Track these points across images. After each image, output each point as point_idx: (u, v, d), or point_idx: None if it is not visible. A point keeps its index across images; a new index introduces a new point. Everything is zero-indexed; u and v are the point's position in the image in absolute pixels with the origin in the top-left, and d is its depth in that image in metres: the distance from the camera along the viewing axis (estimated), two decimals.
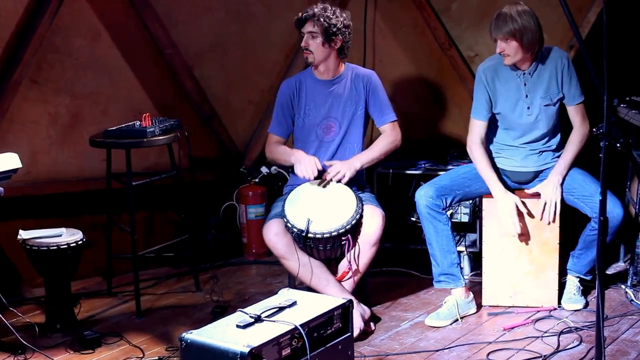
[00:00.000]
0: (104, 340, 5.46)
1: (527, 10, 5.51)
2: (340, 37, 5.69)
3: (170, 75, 6.91)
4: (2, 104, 6.24)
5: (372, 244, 5.52)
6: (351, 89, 5.78)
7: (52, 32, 6.39)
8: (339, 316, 4.63)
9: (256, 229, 6.83)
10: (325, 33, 5.65)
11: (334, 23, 5.65)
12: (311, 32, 5.68)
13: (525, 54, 5.54)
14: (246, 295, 6.25)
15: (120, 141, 5.93)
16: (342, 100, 5.78)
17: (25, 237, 5.65)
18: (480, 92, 5.72)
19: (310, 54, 5.70)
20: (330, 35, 5.65)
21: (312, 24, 5.66)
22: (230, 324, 4.40)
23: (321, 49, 5.69)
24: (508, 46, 5.50)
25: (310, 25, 5.68)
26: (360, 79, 5.80)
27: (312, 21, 5.66)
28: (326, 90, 5.79)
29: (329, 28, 5.64)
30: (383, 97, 5.83)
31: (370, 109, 5.81)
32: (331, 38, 5.66)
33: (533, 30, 5.48)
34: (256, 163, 7.22)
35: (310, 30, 5.68)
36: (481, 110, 5.73)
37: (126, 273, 6.36)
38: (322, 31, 5.65)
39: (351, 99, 5.78)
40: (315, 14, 5.66)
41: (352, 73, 5.82)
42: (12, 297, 5.82)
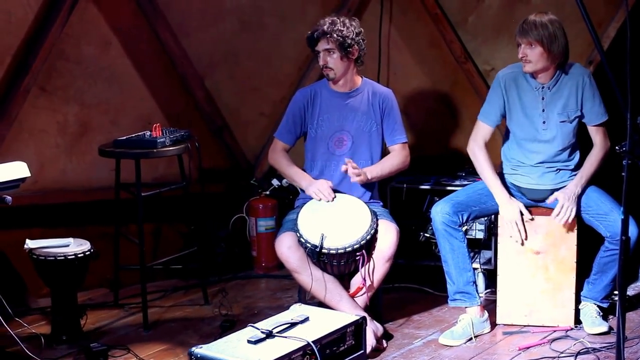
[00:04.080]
0: (110, 353, 5.38)
1: (556, 19, 5.44)
2: (356, 47, 5.62)
3: (181, 86, 6.84)
4: (11, 112, 6.18)
5: (386, 260, 5.44)
6: (368, 105, 5.70)
7: (63, 40, 6.33)
8: (352, 333, 4.59)
9: (266, 242, 6.78)
10: (341, 47, 5.57)
11: (347, 35, 5.57)
12: (327, 49, 5.59)
13: (548, 63, 5.44)
14: (255, 309, 6.17)
15: (129, 151, 5.85)
16: (357, 114, 5.70)
17: (32, 247, 5.58)
18: (495, 96, 5.64)
19: (331, 71, 5.63)
20: (346, 48, 5.58)
21: (326, 41, 5.58)
22: (241, 339, 4.36)
23: (340, 63, 5.62)
24: (532, 52, 5.41)
25: (324, 42, 5.59)
26: (378, 97, 5.73)
27: (326, 38, 5.58)
28: (341, 102, 5.71)
29: (344, 41, 5.56)
30: (397, 117, 5.77)
31: (383, 128, 5.75)
32: (348, 50, 5.59)
33: (560, 41, 5.40)
34: (267, 175, 7.14)
35: (325, 48, 5.59)
36: (491, 114, 5.65)
37: (133, 285, 6.27)
38: (338, 46, 5.57)
39: (367, 114, 5.70)
40: (326, 31, 5.57)
41: (370, 89, 5.74)
42: (18, 306, 5.75)
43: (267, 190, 7.04)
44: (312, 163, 5.72)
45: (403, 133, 5.78)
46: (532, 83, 5.56)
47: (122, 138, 5.93)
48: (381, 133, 5.75)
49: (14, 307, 5.20)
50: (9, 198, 5.14)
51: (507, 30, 6.67)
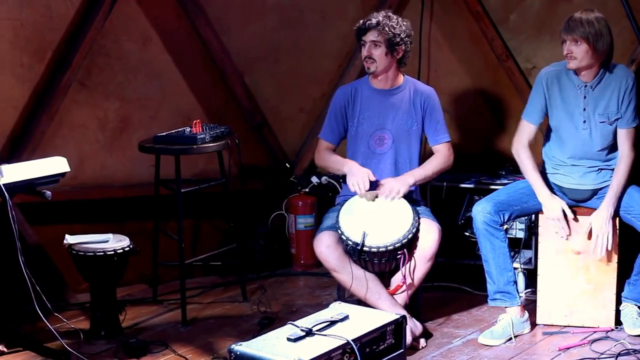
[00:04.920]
0: (149, 349, 5.39)
1: (602, 17, 5.39)
2: (402, 47, 5.58)
3: (221, 81, 6.83)
4: (51, 107, 6.21)
5: (427, 259, 5.41)
6: (409, 104, 5.66)
7: (103, 36, 6.36)
8: (392, 332, 4.56)
9: (305, 240, 6.76)
10: (388, 42, 5.53)
11: (398, 32, 5.53)
12: (374, 41, 5.55)
13: (592, 61, 5.38)
14: (294, 307, 6.15)
15: (169, 147, 5.85)
16: (398, 112, 5.66)
17: (71, 242, 5.60)
18: (537, 95, 5.59)
19: (373, 63, 5.58)
20: (393, 45, 5.54)
21: (376, 32, 5.54)
22: (281, 336, 4.34)
23: (384, 58, 5.57)
24: (577, 49, 5.35)
25: (373, 34, 5.55)
26: (419, 95, 5.68)
27: (377, 30, 5.53)
28: (383, 100, 5.67)
29: (393, 38, 5.52)
30: (440, 116, 5.72)
31: (425, 127, 5.70)
32: (394, 48, 5.55)
33: (606, 39, 5.35)
34: (306, 172, 7.11)
35: (373, 39, 5.55)
36: (534, 113, 5.60)
37: (172, 281, 6.30)
38: (386, 40, 5.53)
39: (408, 113, 5.66)
40: (379, 23, 5.53)
41: (411, 87, 5.70)
42: (57, 302, 5.74)
43: (307, 187, 7.00)
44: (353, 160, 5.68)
45: (446, 132, 5.73)
46: (575, 81, 5.51)
47: (162, 134, 5.93)
48: (421, 132, 5.70)
49: (53, 302, 5.19)
50: (49, 193, 5.16)
51: (549, 28, 6.61)
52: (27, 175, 5.08)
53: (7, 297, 5.84)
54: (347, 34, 5.76)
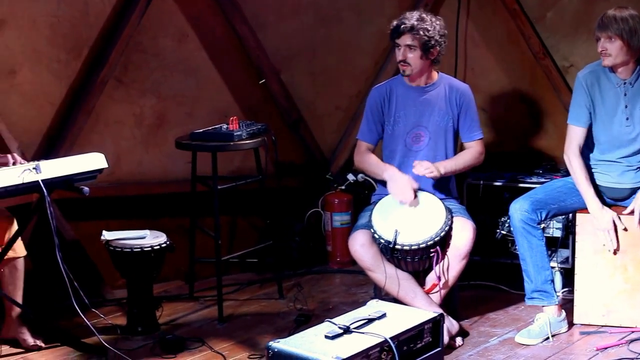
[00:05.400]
0: (185, 345, 5.40)
1: (637, 14, 5.36)
2: (437, 48, 5.55)
3: (257, 79, 6.83)
4: (88, 104, 6.24)
5: (462, 257, 5.38)
6: (444, 100, 5.64)
7: (139, 32, 6.39)
8: (430, 330, 4.54)
9: (341, 237, 6.73)
10: (424, 46, 5.50)
11: (432, 35, 5.49)
12: (409, 45, 5.52)
13: (627, 57, 5.35)
14: (330, 304, 6.14)
15: (206, 144, 5.86)
16: (433, 109, 5.63)
17: (108, 238, 5.62)
18: (580, 97, 5.54)
19: (408, 67, 5.56)
20: (428, 48, 5.51)
21: (411, 37, 5.49)
22: (318, 334, 4.33)
23: (419, 62, 5.55)
24: (611, 46, 5.33)
25: (408, 38, 5.51)
26: (454, 92, 5.66)
27: (411, 34, 5.49)
28: (418, 97, 5.65)
29: (428, 41, 5.49)
30: (474, 113, 5.70)
31: (460, 124, 5.67)
32: (429, 50, 5.53)
33: None
34: (342, 170, 7.09)
35: (408, 44, 5.52)
36: (581, 115, 5.55)
37: (208, 277, 6.30)
38: (421, 45, 5.50)
39: (443, 109, 5.64)
40: (414, 27, 5.48)
41: (446, 84, 5.67)
42: (94, 298, 5.76)
43: (343, 185, 6.99)
44: (390, 160, 5.65)
45: (479, 129, 5.71)
46: (613, 80, 5.47)
47: (198, 130, 5.94)
48: (457, 128, 5.68)
49: (90, 298, 5.20)
50: (87, 189, 5.17)
51: (586, 26, 6.54)
52: (65, 171, 5.09)
53: (45, 293, 5.88)
54: (384, 31, 5.72)
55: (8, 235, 5.31)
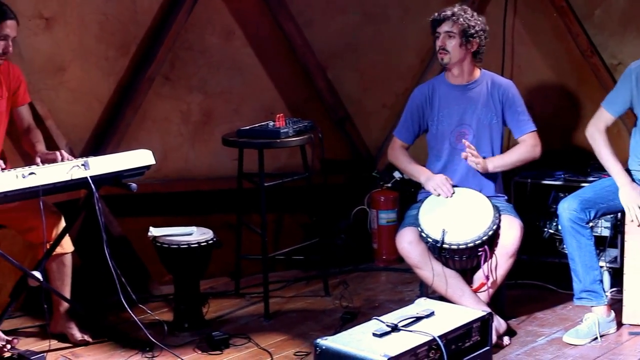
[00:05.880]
0: (232, 342, 5.41)
1: None
2: (476, 40, 5.52)
3: (303, 76, 6.84)
4: (135, 100, 6.28)
5: (509, 256, 5.34)
6: (487, 97, 5.60)
7: (187, 30, 6.42)
8: (478, 329, 4.51)
9: (387, 235, 6.73)
10: (463, 34, 5.49)
11: (473, 25, 5.49)
12: (448, 32, 5.52)
13: None
14: (376, 302, 6.13)
15: (253, 141, 5.87)
16: (477, 106, 5.61)
17: (155, 235, 5.64)
18: (623, 88, 5.49)
19: (446, 54, 5.54)
20: (468, 36, 5.49)
21: (451, 23, 5.51)
22: (366, 331, 4.31)
23: (458, 50, 5.53)
24: None
25: (448, 24, 5.52)
26: (497, 89, 5.62)
27: (451, 21, 5.51)
28: (460, 95, 5.62)
29: (467, 29, 5.48)
30: (521, 107, 5.65)
31: (508, 120, 5.63)
32: (469, 40, 5.50)
33: None
34: (389, 167, 7.05)
35: (447, 30, 5.52)
36: (616, 104, 5.51)
37: (254, 274, 6.31)
38: (460, 31, 5.49)
39: (487, 107, 5.60)
40: (454, 14, 5.51)
41: (489, 81, 5.64)
42: (140, 293, 5.76)
43: (389, 182, 6.98)
44: (436, 159, 5.65)
45: (530, 122, 5.65)
46: None
47: (245, 128, 5.95)
48: (502, 125, 5.64)
49: (137, 293, 5.22)
50: (134, 185, 5.20)
51: (635, 24, 6.51)
52: (113, 167, 5.13)
53: (92, 288, 5.91)
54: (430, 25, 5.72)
55: (56, 232, 5.34)
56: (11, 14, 5.18)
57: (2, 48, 5.17)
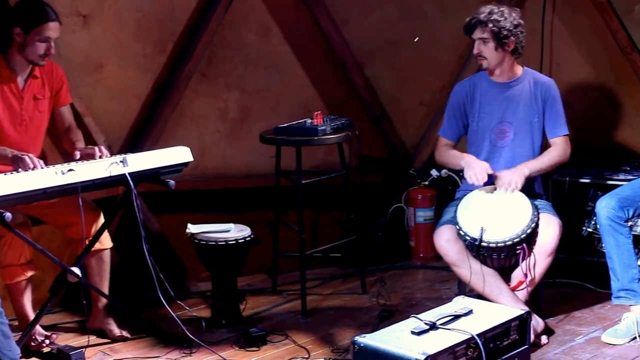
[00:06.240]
0: (269, 339, 5.42)
1: None
2: (512, 39, 5.48)
3: (340, 73, 6.84)
4: (173, 98, 6.30)
5: (547, 254, 5.31)
6: (529, 96, 5.57)
7: (224, 27, 6.43)
8: (516, 327, 4.50)
9: (424, 233, 6.72)
10: (496, 37, 5.44)
11: (504, 25, 5.43)
12: (482, 38, 5.49)
13: None
14: (413, 300, 6.12)
15: (291, 138, 5.87)
16: (518, 104, 5.57)
17: (193, 231, 5.66)
18: None
19: (484, 60, 5.52)
20: (501, 38, 5.45)
21: (482, 30, 5.47)
22: (405, 329, 4.31)
23: (494, 54, 5.49)
24: None
25: (479, 31, 5.48)
26: (539, 86, 5.58)
27: (481, 27, 5.47)
28: (502, 93, 5.59)
29: (499, 32, 5.43)
30: (559, 108, 5.61)
31: (545, 119, 5.60)
32: (503, 41, 5.46)
33: None
34: (426, 165, 7.04)
35: (480, 37, 5.49)
36: None
37: (291, 272, 6.31)
38: (493, 36, 5.44)
39: (528, 105, 5.57)
40: (481, 20, 5.46)
41: (531, 78, 5.61)
42: (178, 290, 5.78)
43: (426, 180, 6.95)
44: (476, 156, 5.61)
45: (565, 125, 5.62)
46: None
47: (283, 125, 5.95)
48: (542, 124, 5.62)
49: (175, 290, 5.24)
50: (173, 182, 5.24)
51: None
52: (151, 164, 5.16)
53: (131, 285, 5.94)
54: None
55: (95, 228, 5.38)
56: (53, 15, 5.21)
57: (44, 49, 5.21)
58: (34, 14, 5.18)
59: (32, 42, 5.18)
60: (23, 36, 5.18)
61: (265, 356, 5.23)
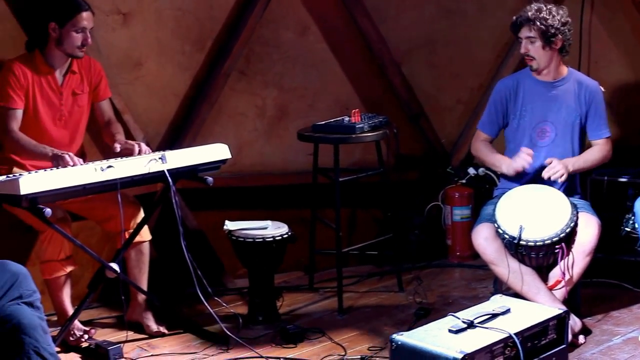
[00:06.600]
0: (306, 336, 5.43)
1: None
2: (560, 37, 5.46)
3: (378, 71, 6.84)
4: (211, 95, 6.32)
5: (586, 254, 5.28)
6: (573, 97, 5.54)
7: (262, 25, 6.44)
8: (554, 327, 4.48)
9: (461, 232, 6.72)
10: (544, 36, 5.42)
11: (552, 24, 5.41)
12: (529, 37, 5.46)
13: None
14: (450, 298, 6.10)
15: (328, 136, 5.87)
16: (562, 105, 5.55)
17: (231, 228, 5.68)
18: None
19: (533, 61, 5.49)
20: (549, 37, 5.42)
21: (529, 28, 5.44)
22: (442, 328, 4.31)
23: (542, 53, 5.46)
24: None
25: (526, 30, 5.45)
26: (584, 89, 5.56)
27: (529, 26, 5.44)
28: (546, 92, 5.57)
29: (547, 30, 5.40)
30: (603, 111, 5.59)
31: (588, 121, 5.57)
32: (550, 40, 5.44)
33: None
34: (463, 163, 7.04)
35: (527, 35, 5.46)
36: None
37: (327, 269, 6.34)
38: (540, 35, 5.42)
39: (571, 106, 5.54)
40: (529, 18, 5.43)
41: (575, 79, 5.58)
42: (215, 286, 5.78)
43: (464, 178, 6.94)
44: (514, 153, 5.59)
45: (607, 127, 5.60)
46: None
47: (320, 123, 5.96)
48: (584, 126, 5.59)
49: (212, 286, 5.26)
50: (211, 179, 5.26)
51: None
52: (190, 161, 5.18)
53: (168, 280, 5.97)
54: (506, 24, 5.66)
55: (134, 221, 5.42)
56: (86, 6, 5.26)
57: (81, 40, 5.26)
58: (66, 7, 5.24)
59: (68, 35, 5.23)
60: (59, 30, 5.23)
61: (302, 353, 5.23)
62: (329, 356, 5.17)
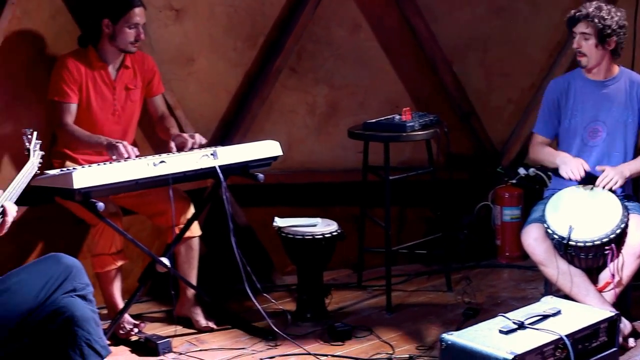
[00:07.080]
0: (354, 333, 5.43)
1: None
2: (614, 38, 5.42)
3: (429, 70, 6.81)
4: (263, 92, 6.34)
5: (637, 256, 5.22)
6: (625, 95, 5.49)
7: (314, 22, 6.45)
8: (605, 329, 4.45)
9: (511, 232, 6.67)
10: (599, 34, 5.38)
11: (609, 24, 5.37)
12: (584, 33, 5.42)
13: None
14: (498, 299, 6.08)
15: (379, 134, 5.86)
16: (613, 104, 5.51)
17: (280, 225, 5.69)
18: None
19: (584, 57, 5.45)
20: (604, 36, 5.38)
21: (586, 24, 5.40)
22: (492, 328, 4.30)
23: (594, 51, 5.42)
24: None
25: (583, 25, 5.42)
26: (636, 86, 5.51)
27: (586, 22, 5.40)
28: (597, 92, 5.53)
29: (603, 29, 5.37)
30: None
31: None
32: (605, 39, 5.40)
33: None
34: (513, 163, 7.00)
35: (582, 31, 5.42)
36: None
37: (376, 267, 6.33)
38: (596, 32, 5.38)
39: (623, 105, 5.50)
40: (589, 15, 5.38)
41: (627, 78, 5.54)
42: (264, 282, 5.79)
43: (514, 178, 6.89)
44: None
45: None
46: None
47: (371, 121, 5.95)
48: (637, 125, 5.54)
49: (260, 282, 5.28)
50: (262, 176, 5.29)
51: None
52: (241, 158, 5.22)
53: (217, 276, 6.00)
54: (559, 23, 5.65)
55: (184, 217, 5.46)
56: (138, 1, 5.31)
57: (134, 36, 5.31)
58: (119, 3, 5.30)
59: (121, 31, 5.29)
60: (112, 26, 5.28)
61: (350, 351, 5.24)
62: (377, 354, 5.18)
